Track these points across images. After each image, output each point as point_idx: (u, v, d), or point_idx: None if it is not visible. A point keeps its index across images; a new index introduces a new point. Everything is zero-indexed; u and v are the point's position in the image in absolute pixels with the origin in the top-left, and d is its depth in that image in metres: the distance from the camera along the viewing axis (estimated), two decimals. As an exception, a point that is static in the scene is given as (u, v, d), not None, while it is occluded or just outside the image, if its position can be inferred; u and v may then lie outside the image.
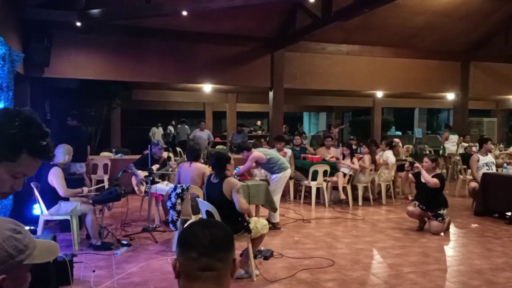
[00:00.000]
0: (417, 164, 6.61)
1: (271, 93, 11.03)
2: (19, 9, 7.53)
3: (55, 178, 5.09)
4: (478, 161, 7.90)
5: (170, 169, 6.87)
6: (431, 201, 6.31)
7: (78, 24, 7.91)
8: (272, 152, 6.75)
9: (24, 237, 1.17)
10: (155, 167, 6.82)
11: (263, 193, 6.14)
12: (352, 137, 10.86)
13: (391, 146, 9.17)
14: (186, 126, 16.82)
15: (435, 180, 6.22)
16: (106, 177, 8.80)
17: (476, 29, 11.46)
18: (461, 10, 10.31)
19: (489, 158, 7.98)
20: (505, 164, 7.89)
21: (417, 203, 6.48)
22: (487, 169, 7.80)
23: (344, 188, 8.25)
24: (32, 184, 5.43)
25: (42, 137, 1.36)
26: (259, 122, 20.28)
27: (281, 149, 7.61)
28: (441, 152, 12.53)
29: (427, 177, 6.29)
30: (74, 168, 7.64)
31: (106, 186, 8.13)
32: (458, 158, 11.30)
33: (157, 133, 18.16)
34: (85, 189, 5.56)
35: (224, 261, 1.31)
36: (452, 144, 12.72)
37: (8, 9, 7.10)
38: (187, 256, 1.29)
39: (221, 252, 1.31)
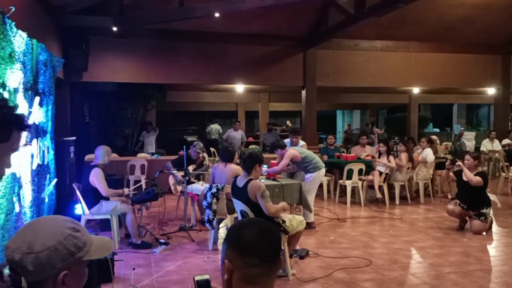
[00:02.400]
0: (459, 162, 6.39)
1: (303, 92, 10.97)
2: (58, 16, 7.82)
3: (96, 179, 5.26)
4: None
5: (206, 169, 6.96)
6: (473, 200, 6.09)
7: (114, 29, 8.14)
8: (307, 151, 6.67)
9: (82, 235, 1.24)
10: (191, 167, 6.92)
11: (297, 192, 6.12)
12: (393, 138, 10.59)
13: (431, 143, 8.91)
14: (218, 126, 16.99)
15: (478, 178, 6.00)
16: (143, 178, 9.00)
17: (517, 20, 10.98)
18: (501, 1, 9.90)
19: None
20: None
21: (457, 201, 6.27)
22: None
23: (380, 187, 8.10)
24: (74, 185, 5.64)
25: (14, 109, 1.48)
26: (288, 122, 20.19)
27: (296, 143, 7.32)
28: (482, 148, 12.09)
29: (469, 175, 6.06)
30: None
31: (144, 187, 8.33)
32: (498, 155, 10.90)
33: (213, 129, 18.43)
34: (126, 189, 5.72)
35: (280, 264, 1.37)
36: (467, 140, 12.52)
37: (48, 17, 7.39)
38: (248, 261, 1.30)
39: (278, 256, 1.35)
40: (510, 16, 10.65)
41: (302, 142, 7.25)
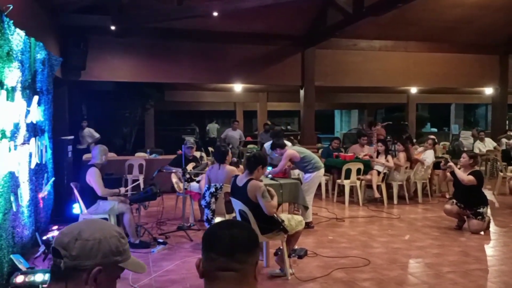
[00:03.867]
0: (450, 163, 6.42)
1: (302, 91, 10.97)
2: (56, 15, 7.81)
3: (92, 178, 5.24)
4: None
5: (205, 168, 6.95)
6: (469, 199, 6.10)
7: (113, 28, 8.12)
8: (306, 151, 6.65)
9: (125, 243, 1.34)
10: (191, 165, 6.91)
11: (296, 191, 6.11)
12: (388, 137, 10.65)
13: (434, 144, 8.89)
14: (216, 125, 17.05)
15: (470, 178, 6.02)
16: (141, 177, 8.98)
17: (515, 21, 11.01)
18: (499, 2, 9.92)
19: None
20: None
21: (455, 201, 6.29)
22: None
23: (378, 187, 8.10)
24: (71, 184, 5.62)
25: None
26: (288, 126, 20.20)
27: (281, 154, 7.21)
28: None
29: (460, 174, 6.10)
30: None
31: (142, 186, 8.32)
32: (497, 155, 10.93)
33: (212, 128, 18.48)
34: (122, 189, 5.70)
35: (243, 262, 1.30)
36: (464, 138, 12.74)
37: (47, 16, 7.37)
38: (207, 256, 1.32)
39: (240, 253, 1.30)
40: (508, 17, 10.68)
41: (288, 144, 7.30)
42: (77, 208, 5.45)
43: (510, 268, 4.68)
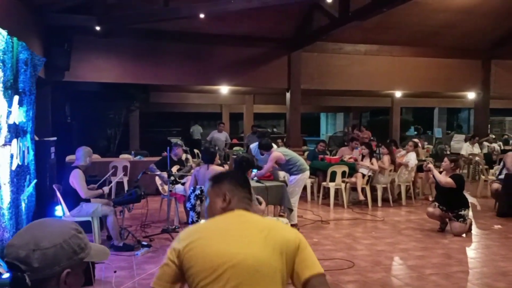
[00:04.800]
0: (429, 165, 6.52)
1: (288, 94, 11.01)
2: (40, 15, 7.69)
3: (75, 180, 5.18)
4: None
5: (190, 170, 6.91)
6: (451, 202, 6.20)
7: (98, 28, 8.04)
8: (292, 153, 6.67)
9: (84, 237, 1.30)
10: (175, 168, 6.87)
11: (281, 194, 6.12)
12: (372, 138, 10.77)
13: (416, 147, 9.01)
14: (200, 127, 17.03)
15: (448, 180, 6.11)
16: (125, 179, 8.89)
17: (498, 27, 11.21)
18: (483, 7, 10.10)
19: None
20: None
21: (437, 204, 6.38)
22: None
23: (363, 189, 8.17)
24: (54, 186, 5.54)
25: None
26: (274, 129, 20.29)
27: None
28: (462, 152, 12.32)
29: (438, 176, 6.21)
30: None
31: (126, 188, 8.24)
32: (479, 158, 11.10)
33: (195, 130, 18.42)
34: (106, 188, 5.64)
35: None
36: (456, 142, 12.89)
37: (30, 15, 7.26)
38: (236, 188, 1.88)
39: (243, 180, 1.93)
40: (491, 23, 10.88)
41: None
42: (60, 210, 5.37)
43: (491, 270, 4.76)
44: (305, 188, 8.32)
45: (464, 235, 6.16)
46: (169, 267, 1.64)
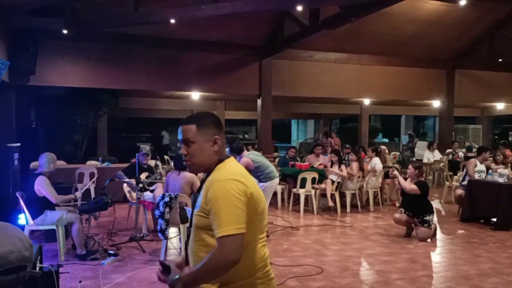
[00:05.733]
0: (395, 172, 6.69)
1: (259, 101, 11.06)
2: (5, 17, 7.47)
3: (42, 187, 5.03)
4: (475, 166, 7.97)
5: (159, 177, 6.83)
6: (416, 208, 6.36)
7: (65, 31, 7.87)
8: (262, 160, 6.66)
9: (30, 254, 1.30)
10: (144, 174, 6.77)
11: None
12: (347, 145, 10.94)
13: (377, 153, 9.24)
14: (166, 133, 17.01)
15: (412, 187, 6.29)
16: (92, 186, 8.69)
17: (461, 38, 11.66)
18: (448, 19, 10.49)
19: (482, 167, 8.07)
20: (490, 171, 7.98)
21: (403, 210, 6.53)
22: (478, 176, 7.87)
23: (332, 195, 8.27)
24: (17, 194, 5.35)
25: None
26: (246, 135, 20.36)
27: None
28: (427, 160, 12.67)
29: (403, 183, 6.39)
30: None
31: (93, 195, 8.05)
32: (443, 164, 11.44)
33: (165, 136, 18.26)
34: (78, 193, 5.52)
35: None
36: (420, 149, 13.31)
37: (-6, 16, 7.04)
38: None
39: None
40: (455, 34, 11.31)
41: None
42: (23, 219, 5.20)
43: (454, 274, 4.90)
44: (275, 194, 8.37)
45: (429, 240, 6.32)
46: (243, 210, 1.68)
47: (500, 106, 16.36)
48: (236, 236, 1.63)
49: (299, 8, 7.60)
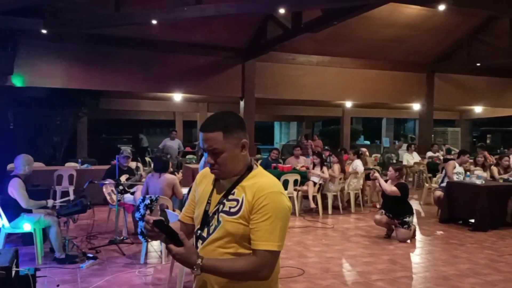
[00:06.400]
0: (376, 174, 6.76)
1: (242, 103, 11.06)
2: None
3: (15, 190, 4.93)
4: (454, 168, 8.09)
5: (139, 179, 6.75)
6: (396, 209, 6.44)
7: (44, 31, 7.74)
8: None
9: None
10: (124, 177, 6.69)
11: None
12: (326, 147, 11.02)
13: (358, 155, 9.33)
14: (144, 136, 17.10)
15: (393, 189, 6.37)
16: (71, 188, 8.54)
17: (441, 42, 11.87)
18: (428, 24, 10.66)
19: (461, 169, 8.20)
20: (468, 173, 8.12)
21: (383, 211, 6.61)
22: (456, 178, 8.00)
23: (314, 197, 8.31)
24: (-7, 196, 5.23)
25: None
26: None
27: None
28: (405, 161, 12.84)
29: (384, 185, 6.46)
30: None
31: (72, 198, 7.90)
32: (423, 167, 11.61)
33: (144, 139, 18.12)
34: (50, 201, 5.38)
35: None
36: (403, 151, 13.57)
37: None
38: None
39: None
40: (435, 38, 11.50)
41: None
42: (-1, 222, 5.08)
43: (433, 275, 4.97)
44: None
45: (408, 241, 6.40)
46: (287, 228, 1.73)
47: (478, 109, 16.72)
48: (277, 254, 1.61)
49: (282, 11, 7.64)
